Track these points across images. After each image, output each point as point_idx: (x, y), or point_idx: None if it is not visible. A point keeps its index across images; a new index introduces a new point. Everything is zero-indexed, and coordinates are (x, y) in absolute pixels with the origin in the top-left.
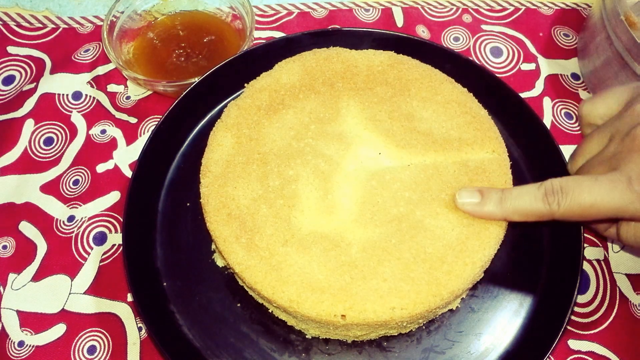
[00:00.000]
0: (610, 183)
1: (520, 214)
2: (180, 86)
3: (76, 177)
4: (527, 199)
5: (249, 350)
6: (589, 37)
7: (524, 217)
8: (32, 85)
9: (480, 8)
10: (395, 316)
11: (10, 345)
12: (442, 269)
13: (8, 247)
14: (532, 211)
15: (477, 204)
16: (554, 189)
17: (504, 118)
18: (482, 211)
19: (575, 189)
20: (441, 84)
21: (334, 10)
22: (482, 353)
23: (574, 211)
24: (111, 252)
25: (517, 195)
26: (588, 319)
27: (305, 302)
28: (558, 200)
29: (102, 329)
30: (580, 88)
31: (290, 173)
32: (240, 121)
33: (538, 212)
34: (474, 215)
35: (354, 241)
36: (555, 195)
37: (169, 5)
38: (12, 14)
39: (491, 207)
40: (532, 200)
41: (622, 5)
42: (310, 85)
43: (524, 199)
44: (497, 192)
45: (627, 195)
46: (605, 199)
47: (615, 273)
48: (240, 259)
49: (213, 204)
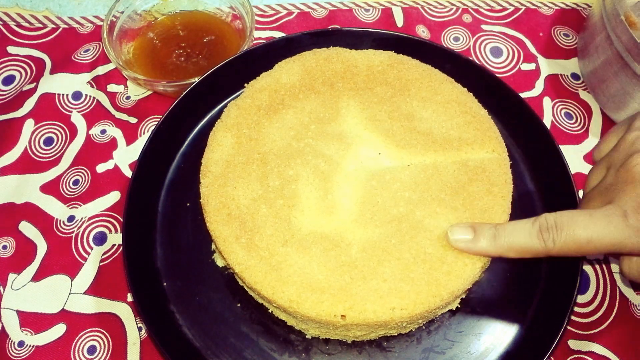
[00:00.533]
0: (605, 218)
1: (516, 251)
2: (180, 86)
3: (76, 177)
4: (522, 235)
5: (249, 350)
6: (589, 37)
7: (519, 254)
8: (32, 85)
9: (480, 8)
10: (395, 316)
11: (10, 345)
12: (442, 270)
13: (8, 247)
14: (527, 248)
15: (470, 241)
16: (549, 225)
17: (504, 118)
18: (475, 248)
19: (570, 225)
20: (441, 83)
21: (334, 10)
22: (482, 353)
23: (570, 247)
24: (111, 252)
25: (511, 232)
26: (588, 319)
27: (305, 302)
28: (553, 237)
29: (102, 329)
30: (580, 88)
31: (290, 173)
32: (240, 121)
33: (533, 250)
34: (467, 252)
35: (354, 241)
36: (550, 232)
37: (169, 5)
38: (12, 14)
39: (484, 244)
40: (526, 237)
41: (622, 5)
42: (310, 85)
43: (518, 235)
44: (490, 228)
45: (623, 230)
46: (601, 234)
47: (615, 273)
48: (240, 259)
49: (213, 204)
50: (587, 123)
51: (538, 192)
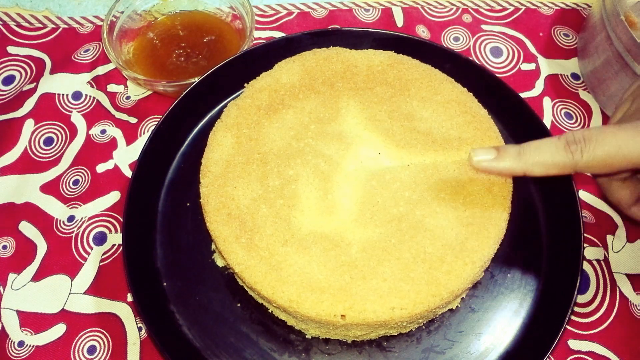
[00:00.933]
0: (634, 129)
1: (542, 167)
2: (180, 86)
3: (76, 177)
4: (548, 150)
5: (249, 350)
6: (589, 37)
7: (545, 169)
8: (32, 85)
9: (480, 8)
10: (395, 316)
11: (10, 345)
12: (441, 269)
13: (8, 247)
14: (554, 162)
15: (494, 160)
16: (576, 138)
17: (504, 118)
18: (499, 167)
19: (598, 136)
20: (441, 83)
21: (334, 10)
22: (482, 353)
23: (598, 160)
24: (111, 252)
25: (537, 148)
26: (588, 319)
27: (305, 302)
28: (581, 148)
29: (102, 329)
30: (580, 88)
31: (290, 173)
32: (240, 121)
33: (560, 163)
34: (490, 172)
35: (353, 241)
36: (577, 144)
37: (169, 5)
38: (12, 14)
39: (509, 162)
40: (553, 151)
41: (622, 5)
42: (310, 85)
43: (544, 150)
44: (514, 147)
45: None
46: (629, 143)
47: (615, 273)
48: (240, 259)
49: (213, 204)
50: (587, 123)
51: (538, 191)
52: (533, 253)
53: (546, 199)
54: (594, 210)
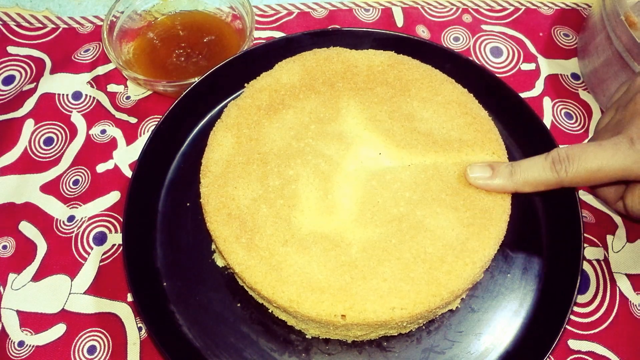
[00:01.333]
0: (613, 146)
1: (530, 185)
2: (180, 86)
3: (76, 177)
4: (536, 169)
5: (249, 350)
6: (589, 37)
7: (533, 187)
8: (32, 85)
9: (480, 8)
10: (395, 316)
11: (10, 345)
12: (442, 269)
13: (8, 247)
14: (542, 181)
15: (489, 178)
16: (561, 157)
17: (504, 118)
18: (493, 185)
19: (581, 156)
20: (441, 84)
21: (334, 10)
22: (482, 353)
23: (582, 176)
24: (111, 252)
25: (526, 167)
26: (588, 319)
27: (305, 302)
28: (565, 167)
29: (102, 329)
30: (580, 88)
31: (290, 173)
32: (240, 121)
33: (547, 181)
34: (485, 189)
35: (354, 241)
36: (562, 163)
37: (169, 5)
38: (12, 14)
39: (502, 181)
40: (540, 170)
41: (622, 5)
42: (310, 85)
43: (532, 170)
44: (507, 166)
45: (631, 156)
46: (610, 161)
47: (615, 273)
48: (240, 259)
49: (213, 204)
50: (587, 123)
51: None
52: (533, 253)
53: (546, 199)
54: (594, 210)
